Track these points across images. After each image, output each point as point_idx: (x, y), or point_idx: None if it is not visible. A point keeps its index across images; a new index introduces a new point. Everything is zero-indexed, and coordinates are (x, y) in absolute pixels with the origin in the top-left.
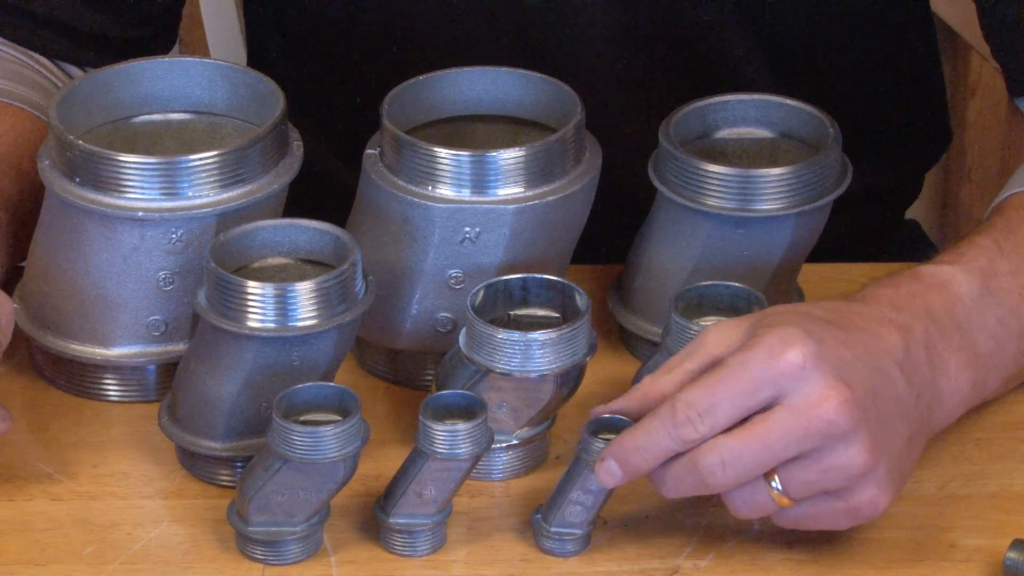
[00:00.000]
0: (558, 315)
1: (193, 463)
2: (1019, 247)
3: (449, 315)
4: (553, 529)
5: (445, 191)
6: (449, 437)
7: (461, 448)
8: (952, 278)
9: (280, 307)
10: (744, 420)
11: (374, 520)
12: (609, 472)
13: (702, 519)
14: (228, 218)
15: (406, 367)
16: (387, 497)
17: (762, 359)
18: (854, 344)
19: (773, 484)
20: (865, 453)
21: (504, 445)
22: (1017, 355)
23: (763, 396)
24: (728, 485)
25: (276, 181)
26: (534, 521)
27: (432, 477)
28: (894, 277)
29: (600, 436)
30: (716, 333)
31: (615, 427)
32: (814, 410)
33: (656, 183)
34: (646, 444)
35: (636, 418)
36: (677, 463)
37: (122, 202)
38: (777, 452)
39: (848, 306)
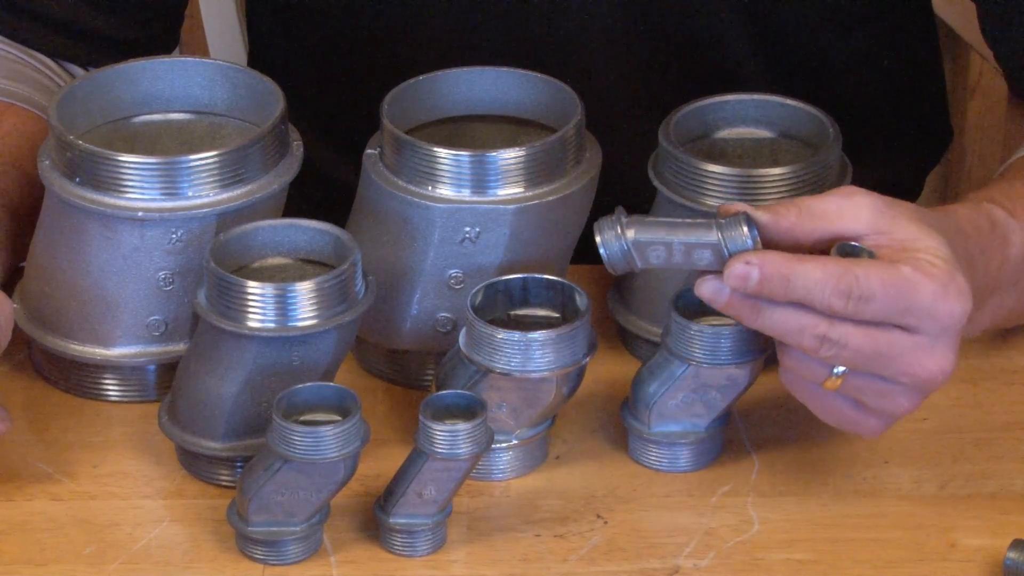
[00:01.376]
0: (558, 315)
1: (193, 463)
2: None
3: (449, 315)
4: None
5: (445, 191)
6: (449, 437)
7: (461, 448)
8: (1012, 237)
9: (280, 307)
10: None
11: (374, 520)
12: (745, 276)
13: (702, 519)
14: (228, 218)
15: (406, 367)
16: (387, 497)
17: (935, 293)
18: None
19: (834, 368)
20: (913, 407)
21: (504, 445)
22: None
23: (912, 322)
24: (817, 351)
25: (276, 181)
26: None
27: (432, 477)
28: (976, 214)
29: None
30: (863, 203)
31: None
32: (935, 363)
33: (656, 183)
34: (799, 279)
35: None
36: (810, 323)
37: (122, 202)
38: (886, 365)
39: (965, 244)
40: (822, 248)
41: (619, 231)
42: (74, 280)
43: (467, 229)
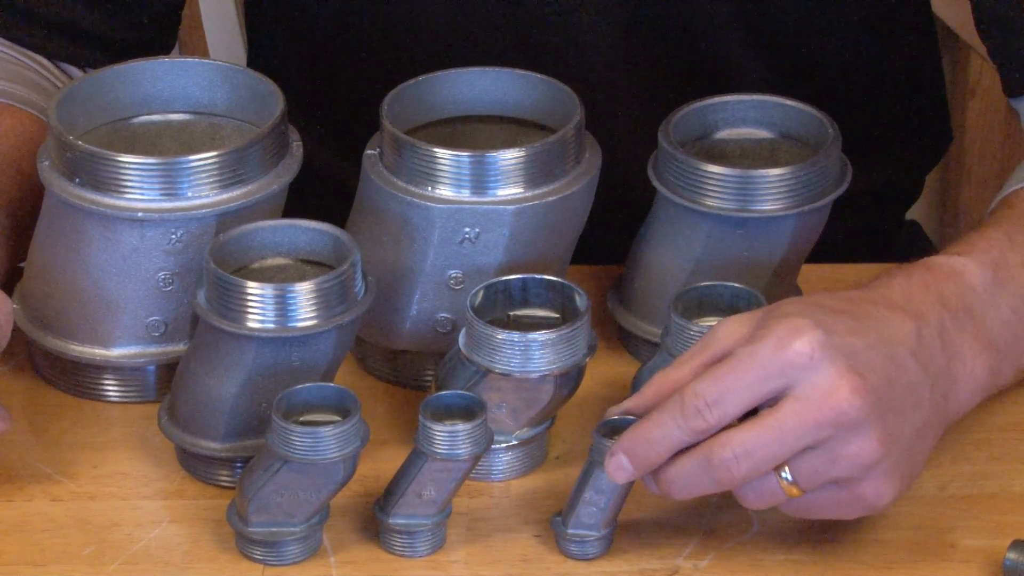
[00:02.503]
0: (558, 315)
1: (193, 463)
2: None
3: (449, 315)
4: (570, 531)
5: (445, 191)
6: (449, 437)
7: (461, 448)
8: (964, 268)
9: (280, 308)
10: (752, 412)
11: (374, 520)
12: (619, 467)
13: (702, 520)
14: (228, 218)
15: (406, 367)
16: (387, 497)
17: (771, 349)
18: (866, 332)
19: (783, 475)
20: (875, 443)
21: (504, 445)
22: None
23: (772, 386)
24: (742, 479)
25: (276, 182)
26: (554, 524)
27: (432, 477)
28: (905, 267)
29: (612, 438)
30: (726, 327)
31: (626, 429)
32: (825, 400)
33: (656, 184)
34: (656, 436)
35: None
36: (689, 460)
37: (122, 203)
38: (789, 443)
39: (860, 295)
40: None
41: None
42: (74, 280)
43: (467, 229)
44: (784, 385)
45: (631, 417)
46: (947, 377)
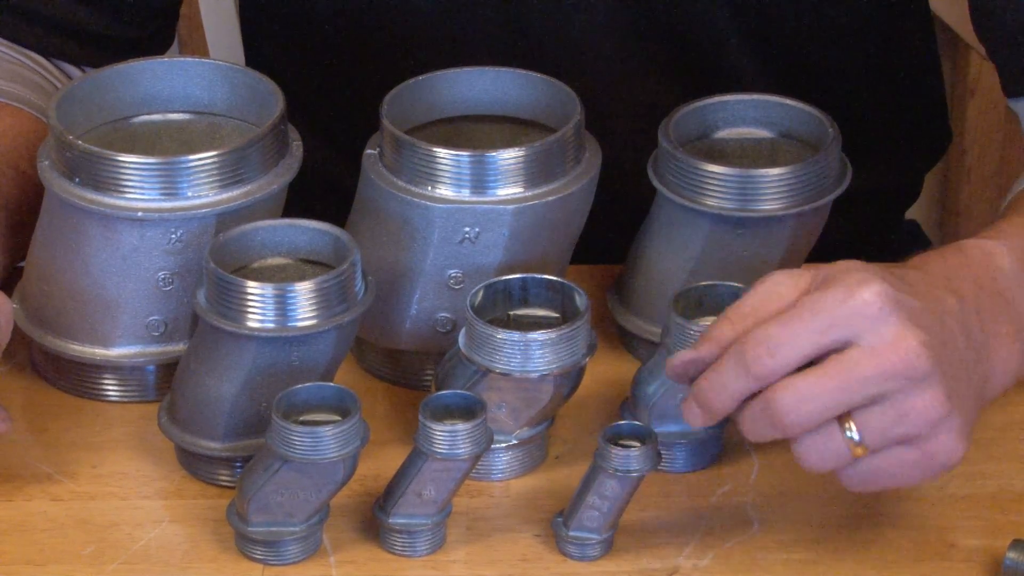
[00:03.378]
0: (558, 315)
1: (193, 463)
2: None
3: (449, 315)
4: (571, 534)
5: (445, 191)
6: (449, 437)
7: (460, 448)
8: (995, 250)
9: (280, 307)
10: (816, 361)
11: (374, 520)
12: (692, 413)
13: (702, 519)
14: (227, 218)
15: (406, 367)
16: (387, 497)
17: (838, 298)
18: (920, 296)
19: (848, 432)
20: (943, 397)
21: (504, 445)
22: None
23: (837, 335)
24: (802, 426)
25: (275, 181)
26: (555, 525)
27: (431, 477)
28: (940, 250)
29: (617, 443)
30: (783, 277)
31: (632, 434)
32: (892, 350)
33: (656, 183)
34: (721, 383)
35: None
36: (754, 403)
37: (121, 202)
38: (853, 392)
39: (902, 270)
40: None
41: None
42: (73, 280)
43: (466, 229)
44: (849, 335)
45: (636, 423)
46: (986, 354)
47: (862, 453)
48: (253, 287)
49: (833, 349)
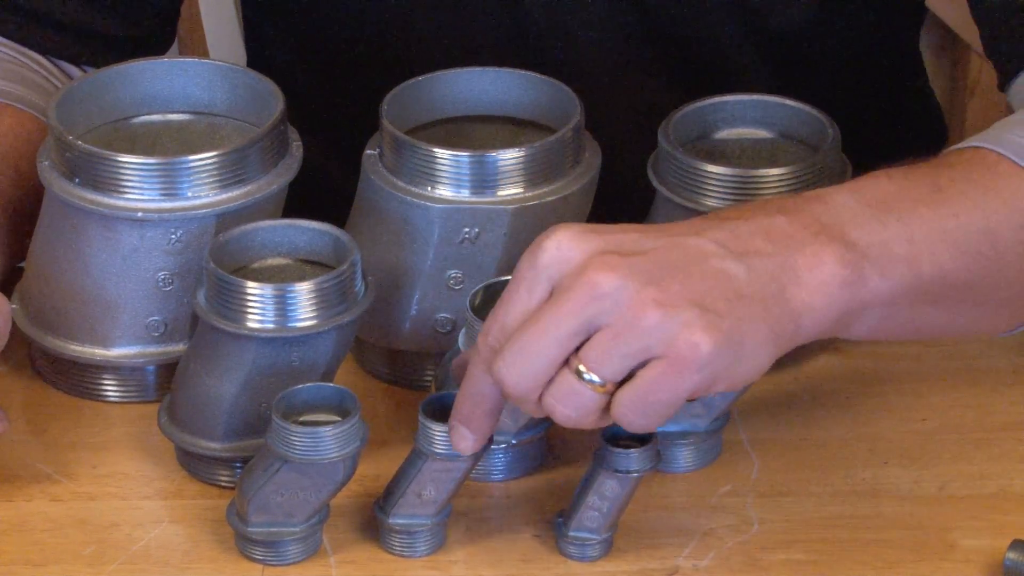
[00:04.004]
0: None
1: (192, 463)
2: (911, 175)
3: (448, 315)
4: (571, 534)
5: (444, 191)
6: (448, 437)
7: None
8: (821, 192)
9: (279, 308)
10: None
11: (373, 521)
12: (462, 438)
13: (701, 519)
14: (227, 218)
15: (405, 368)
16: (386, 497)
17: (526, 259)
18: (645, 230)
19: (582, 374)
20: (647, 301)
21: (503, 445)
22: (909, 260)
23: (538, 292)
24: (524, 384)
25: (275, 181)
26: (555, 525)
27: (432, 477)
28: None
29: (617, 443)
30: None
31: (632, 434)
32: (577, 279)
33: (655, 183)
34: (471, 392)
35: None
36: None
37: (121, 202)
38: (552, 330)
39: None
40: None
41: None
42: (73, 280)
43: (466, 229)
44: (548, 286)
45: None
46: (779, 265)
47: (604, 390)
48: (253, 287)
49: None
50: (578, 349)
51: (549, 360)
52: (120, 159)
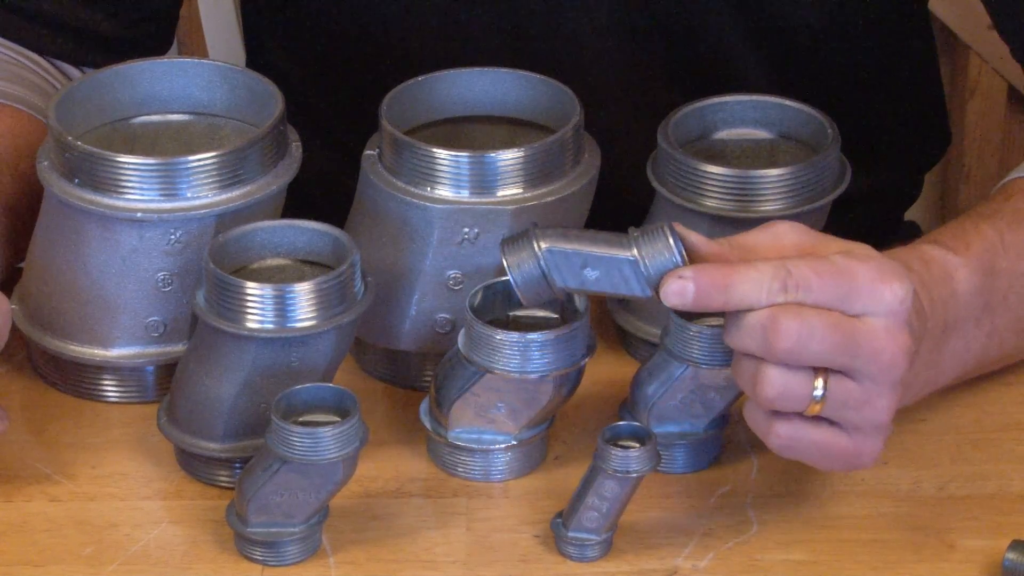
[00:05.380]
0: (557, 316)
1: (192, 464)
2: (1017, 244)
3: (448, 316)
4: (571, 534)
5: (444, 192)
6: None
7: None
8: (955, 272)
9: (279, 308)
10: None
11: (373, 520)
12: (680, 291)
13: (701, 520)
14: (227, 219)
15: (405, 368)
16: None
17: (872, 275)
18: (920, 312)
19: (816, 390)
20: (895, 405)
21: (503, 446)
22: (979, 356)
23: (855, 307)
24: (789, 356)
25: (275, 182)
26: (554, 526)
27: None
28: (906, 256)
29: (617, 444)
30: (787, 228)
31: (631, 435)
32: (892, 342)
33: (655, 184)
34: (735, 284)
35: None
36: (757, 313)
37: (121, 203)
38: (846, 354)
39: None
40: None
41: (535, 246)
42: (73, 281)
43: (466, 230)
44: (863, 310)
45: (636, 424)
46: (924, 379)
47: (812, 412)
48: (252, 288)
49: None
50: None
51: (819, 360)
52: (120, 159)
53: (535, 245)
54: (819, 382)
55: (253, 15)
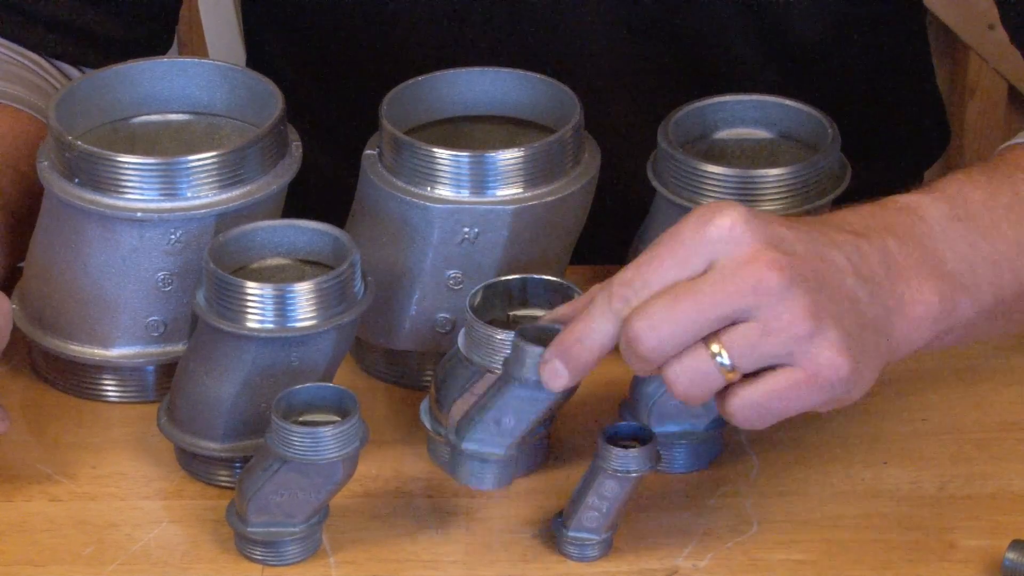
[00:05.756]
0: None
1: (192, 464)
2: (994, 181)
3: (448, 316)
4: (571, 534)
5: (444, 192)
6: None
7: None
8: (918, 203)
9: (279, 308)
10: None
11: (373, 520)
12: (554, 373)
13: (701, 519)
14: (227, 219)
15: (405, 368)
16: (462, 421)
17: (692, 226)
18: (797, 229)
19: (716, 355)
20: (805, 310)
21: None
22: (993, 283)
23: (696, 263)
24: (662, 351)
25: (275, 182)
26: (554, 525)
27: (515, 406)
28: (857, 204)
29: (617, 443)
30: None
31: (631, 434)
32: (742, 267)
33: (655, 184)
34: (585, 331)
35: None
36: (613, 341)
37: (121, 203)
38: (706, 312)
39: (803, 217)
40: None
41: (456, 448)
42: (73, 281)
43: (466, 230)
44: (707, 261)
45: (636, 423)
46: (891, 294)
47: (734, 377)
48: (252, 287)
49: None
50: (716, 331)
51: (693, 335)
52: (120, 159)
53: (455, 447)
54: (715, 348)
55: (253, 16)
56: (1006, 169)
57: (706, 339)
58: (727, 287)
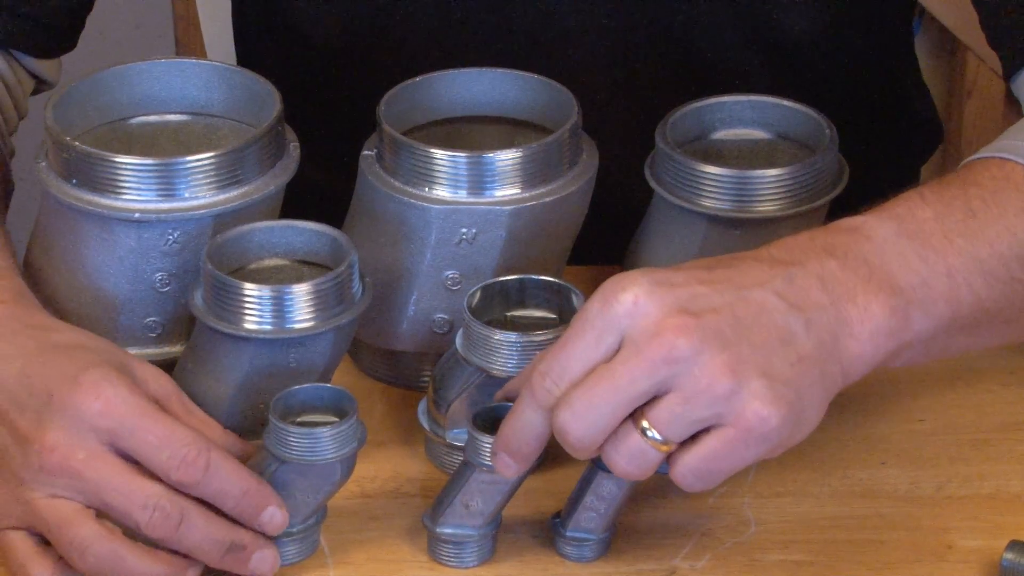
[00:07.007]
0: (555, 316)
1: None
2: (945, 197)
3: (446, 316)
4: (569, 534)
5: (442, 192)
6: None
7: None
8: (863, 223)
9: (277, 309)
10: None
11: (372, 521)
12: (504, 464)
13: (699, 520)
14: (225, 219)
15: (403, 368)
16: (435, 507)
17: (597, 306)
18: (711, 280)
19: (646, 431)
20: (721, 369)
21: None
22: (949, 297)
23: (608, 341)
24: (591, 438)
25: (273, 182)
26: (552, 525)
27: (479, 489)
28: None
29: None
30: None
31: None
32: (652, 340)
33: (653, 184)
34: (518, 425)
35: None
36: (547, 434)
37: (118, 203)
38: (625, 388)
39: (734, 255)
40: None
41: (433, 533)
42: (71, 281)
43: (464, 230)
44: (618, 337)
45: None
46: (834, 317)
47: (670, 448)
48: (250, 289)
49: (612, 357)
50: (643, 405)
51: (617, 417)
52: (117, 160)
53: (431, 532)
54: (644, 424)
55: (243, 19)
56: (961, 185)
57: (634, 417)
58: (640, 363)
